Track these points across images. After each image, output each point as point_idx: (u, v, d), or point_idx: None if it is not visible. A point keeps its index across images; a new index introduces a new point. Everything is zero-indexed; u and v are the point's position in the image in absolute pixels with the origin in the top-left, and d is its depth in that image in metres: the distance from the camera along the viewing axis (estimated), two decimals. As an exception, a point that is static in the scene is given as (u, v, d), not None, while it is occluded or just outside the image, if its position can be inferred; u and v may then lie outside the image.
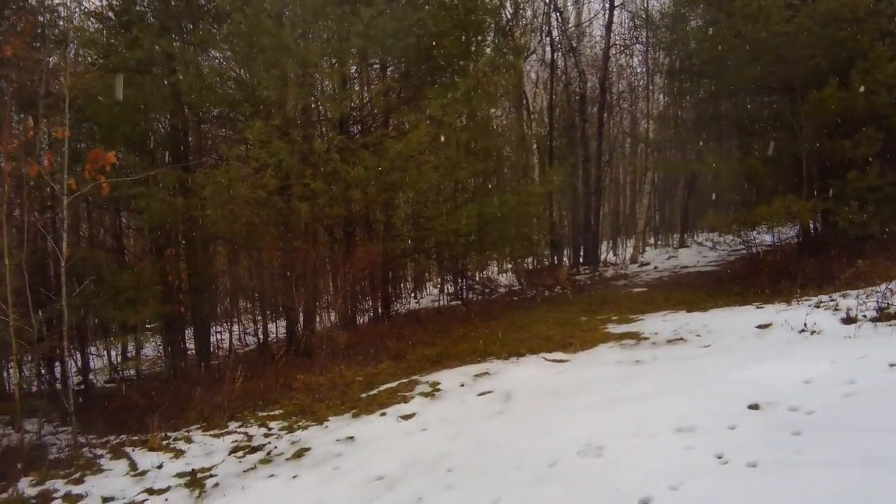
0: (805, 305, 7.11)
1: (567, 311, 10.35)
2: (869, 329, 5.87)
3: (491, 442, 4.67)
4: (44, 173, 6.00)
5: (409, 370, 7.47)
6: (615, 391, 5.15)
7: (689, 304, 9.27)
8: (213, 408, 6.81)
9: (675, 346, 6.79)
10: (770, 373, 4.74)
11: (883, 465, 3.05)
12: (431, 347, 8.53)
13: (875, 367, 4.39)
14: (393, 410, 5.87)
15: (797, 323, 6.46)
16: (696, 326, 7.38)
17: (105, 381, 12.08)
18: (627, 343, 7.29)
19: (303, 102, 6.70)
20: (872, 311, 6.28)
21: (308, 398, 6.78)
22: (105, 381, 12.08)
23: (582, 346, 7.48)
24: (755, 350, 5.83)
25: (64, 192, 5.58)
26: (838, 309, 6.62)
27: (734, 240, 11.64)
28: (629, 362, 6.38)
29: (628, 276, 14.98)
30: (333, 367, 7.77)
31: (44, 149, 6.33)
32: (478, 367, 6.96)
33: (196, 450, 5.69)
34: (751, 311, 7.77)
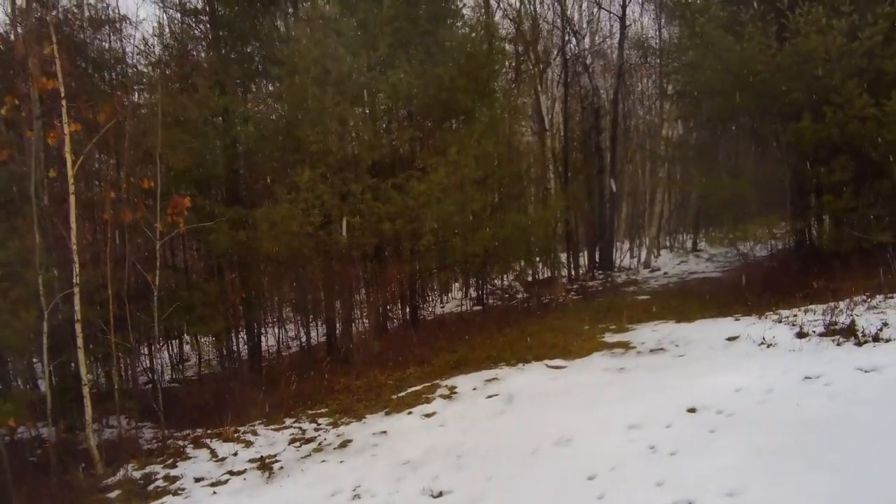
0: (772, 320, 8.24)
1: (574, 319, 11.59)
2: (813, 344, 7.00)
3: (492, 435, 6.00)
4: (139, 219, 7.50)
5: (432, 374, 8.84)
6: (594, 395, 6.43)
7: (682, 314, 10.42)
8: (271, 407, 8.29)
9: (656, 356, 8.01)
10: (716, 382, 5.95)
11: (762, 454, 4.30)
12: (452, 354, 9.88)
13: (791, 379, 5.59)
14: (418, 410, 7.24)
15: (759, 336, 7.62)
16: (678, 337, 8.58)
17: (169, 381, 13.76)
18: (617, 352, 8.53)
19: (342, 154, 8.08)
20: (822, 327, 7.41)
21: (348, 398, 8.20)
22: (169, 381, 13.76)
23: (579, 353, 8.74)
24: (716, 361, 7.03)
25: (157, 237, 7.07)
26: (795, 325, 7.75)
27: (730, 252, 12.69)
28: (614, 370, 7.64)
29: (638, 283, 16.09)
30: (369, 371, 9.19)
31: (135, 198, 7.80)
32: (490, 372, 8.28)
33: (262, 441, 7.14)
34: (728, 323, 8.92)
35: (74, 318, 6.20)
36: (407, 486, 5.31)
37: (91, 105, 8.30)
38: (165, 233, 7.38)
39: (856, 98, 9.48)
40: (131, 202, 7.63)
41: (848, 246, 9.90)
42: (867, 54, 9.58)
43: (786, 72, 9.93)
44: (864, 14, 9.45)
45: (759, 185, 11.21)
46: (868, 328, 6.99)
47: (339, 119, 7.91)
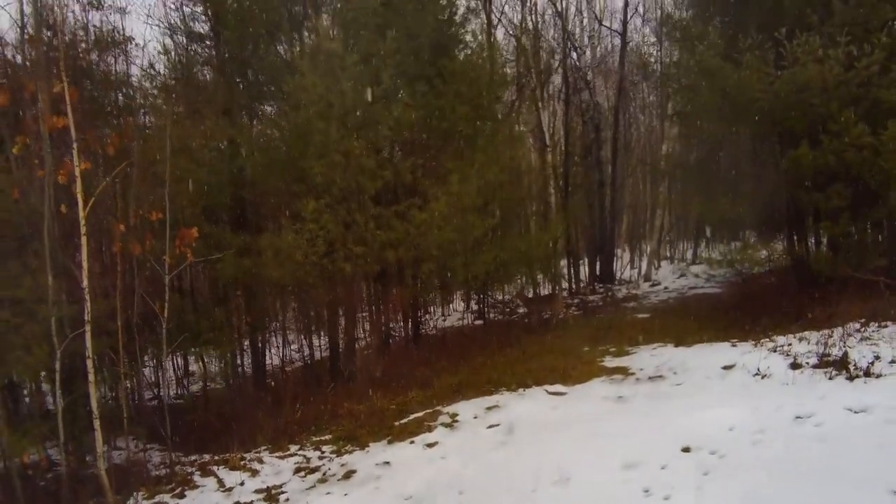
0: (767, 349, 8.39)
1: (574, 339, 11.76)
2: (806, 376, 7.16)
3: (493, 469, 6.16)
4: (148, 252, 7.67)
5: (434, 399, 8.99)
6: (592, 428, 6.58)
7: (680, 336, 10.56)
8: (276, 431, 8.46)
9: (654, 384, 8.16)
10: (710, 418, 6.10)
11: (752, 500, 4.46)
12: (454, 376, 10.05)
13: (783, 418, 5.74)
14: (420, 439, 7.40)
15: (754, 366, 7.77)
16: (676, 364, 8.73)
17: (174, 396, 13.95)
18: (617, 378, 8.69)
19: (346, 185, 8.25)
20: (815, 358, 7.56)
21: (352, 424, 8.36)
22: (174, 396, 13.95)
23: (579, 379, 8.90)
24: (711, 393, 7.19)
25: (166, 271, 7.24)
26: (790, 355, 7.90)
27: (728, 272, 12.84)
28: (613, 398, 7.80)
29: (638, 298, 16.25)
30: (372, 395, 9.36)
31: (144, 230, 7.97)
32: (491, 399, 8.43)
33: (267, 469, 7.31)
34: (725, 349, 9.06)
35: (86, 354, 6.37)
36: (409, 522, 5.48)
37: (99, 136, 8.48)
38: (174, 265, 7.56)
39: (852, 127, 9.64)
40: (140, 234, 7.80)
41: (843, 271, 10.04)
42: (863, 84, 9.73)
43: (783, 99, 10.08)
44: (860, 44, 9.59)
45: (757, 207, 11.37)
46: (860, 361, 7.15)
47: (343, 152, 8.07)
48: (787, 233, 11.61)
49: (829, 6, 10.12)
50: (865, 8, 9.79)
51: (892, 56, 9.65)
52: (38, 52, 7.41)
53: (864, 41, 9.66)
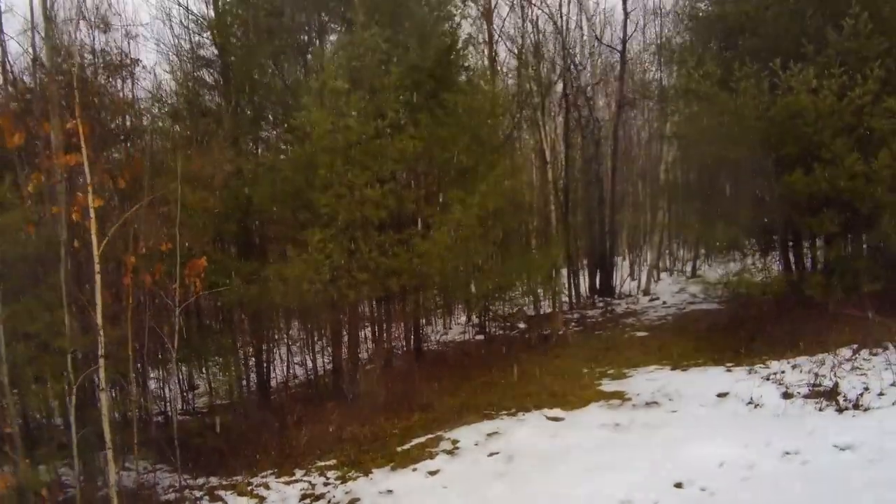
0: (760, 377, 8.61)
1: (573, 359, 11.97)
2: (797, 406, 7.38)
3: (492, 501, 6.38)
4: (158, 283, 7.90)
5: (435, 422, 9.20)
6: (589, 460, 6.79)
7: (677, 359, 10.77)
8: (281, 456, 8.68)
9: (650, 410, 8.38)
10: (702, 453, 6.31)
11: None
12: (455, 397, 10.26)
13: (772, 454, 5.96)
14: (422, 466, 7.62)
15: (747, 395, 7.99)
16: (672, 390, 8.93)
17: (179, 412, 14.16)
18: (614, 403, 8.91)
19: (350, 215, 8.48)
20: (807, 388, 7.77)
21: (355, 449, 8.57)
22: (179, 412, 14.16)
23: (577, 403, 9.11)
24: (705, 423, 7.41)
25: (176, 303, 7.47)
26: (782, 384, 8.12)
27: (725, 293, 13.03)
28: (610, 426, 8.00)
29: (637, 313, 16.44)
30: (375, 418, 9.57)
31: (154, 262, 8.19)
32: (491, 424, 8.64)
33: (274, 496, 7.54)
34: (720, 374, 9.29)
35: (99, 387, 6.59)
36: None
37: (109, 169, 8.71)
38: (184, 296, 7.79)
39: (845, 155, 9.83)
40: (150, 265, 8.03)
41: (837, 295, 10.24)
42: (856, 112, 9.93)
43: (778, 126, 10.30)
44: (852, 76, 9.80)
45: (753, 230, 11.59)
46: (850, 392, 7.38)
47: (347, 184, 8.30)
48: (783, 255, 11.82)
49: (824, 36, 10.33)
50: (859, 39, 9.98)
51: (884, 86, 9.85)
52: (53, 91, 7.63)
53: (858, 71, 9.87)
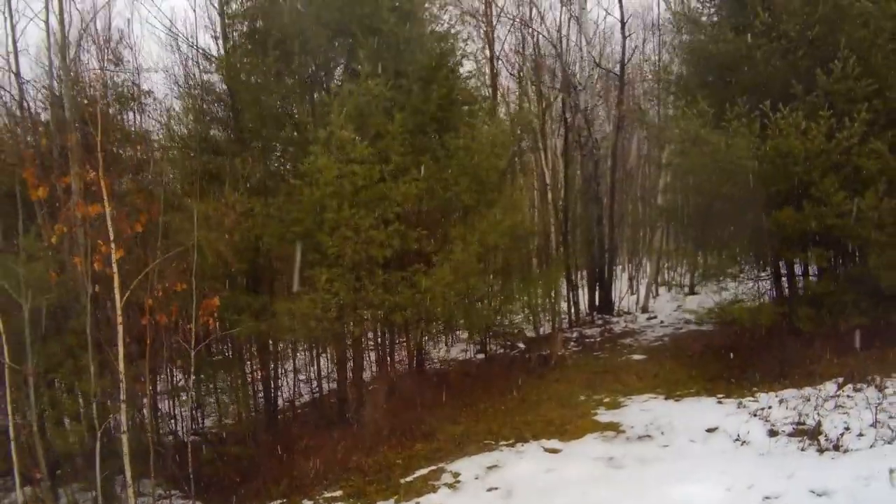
0: (748, 412, 8.99)
1: (571, 384, 12.35)
2: (782, 445, 7.76)
3: (491, 539, 6.79)
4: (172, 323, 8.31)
5: (438, 452, 9.57)
6: (581, 497, 7.19)
7: (671, 387, 11.15)
8: (290, 487, 9.10)
9: (643, 444, 8.76)
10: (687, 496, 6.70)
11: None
12: (456, 425, 10.63)
13: (753, 499, 6.34)
14: (425, 500, 8.01)
15: (735, 431, 8.37)
16: (664, 422, 9.28)
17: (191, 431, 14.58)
18: (609, 434, 9.30)
19: (356, 256, 8.88)
20: (791, 426, 8.15)
21: (361, 480, 8.96)
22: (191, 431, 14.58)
23: (574, 434, 9.50)
24: (693, 461, 7.79)
25: (192, 346, 7.88)
26: (768, 420, 8.50)
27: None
28: (604, 460, 8.38)
29: (635, 333, 16.82)
30: (378, 446, 9.98)
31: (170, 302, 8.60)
32: (491, 456, 9.02)
33: (284, 529, 7.94)
34: (711, 406, 9.67)
35: (121, 429, 7.00)
36: None
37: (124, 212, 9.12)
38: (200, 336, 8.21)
39: (833, 194, 10.20)
40: (165, 305, 8.44)
41: (825, 328, 10.61)
42: (844, 152, 10.29)
43: (769, 164, 10.67)
44: (840, 118, 10.17)
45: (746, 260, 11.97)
46: (831, 432, 7.74)
47: (354, 227, 8.70)
48: (776, 284, 12.19)
49: (814, 77, 10.69)
50: (847, 82, 10.34)
51: (871, 127, 10.22)
52: (74, 143, 8.04)
53: (846, 113, 10.24)
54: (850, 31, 10.38)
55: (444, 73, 9.98)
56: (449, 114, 10.16)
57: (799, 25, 10.79)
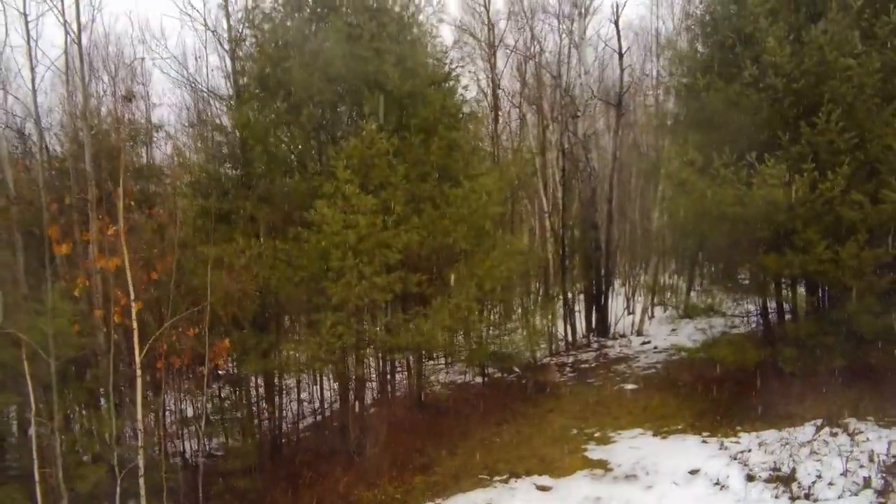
0: (728, 454, 9.47)
1: (564, 415, 12.81)
2: (757, 492, 8.25)
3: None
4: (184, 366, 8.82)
5: (435, 486, 10.07)
6: (568, 542, 7.69)
7: (660, 422, 11.61)
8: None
9: (628, 484, 9.25)
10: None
11: None
12: (453, 457, 11.11)
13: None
14: (422, 539, 8.53)
15: (715, 474, 8.86)
16: (649, 463, 9.77)
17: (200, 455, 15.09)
18: (597, 473, 9.79)
19: (360, 301, 9.39)
20: (768, 471, 8.64)
21: (361, 514, 9.49)
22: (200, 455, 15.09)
23: (564, 471, 9.99)
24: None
25: (204, 389, 8.39)
26: (747, 465, 8.99)
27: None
28: (592, 499, 8.91)
29: (629, 359, 17.27)
30: (379, 478, 10.45)
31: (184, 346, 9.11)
32: (485, 494, 9.52)
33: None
34: (695, 445, 10.14)
35: (139, 473, 7.51)
36: None
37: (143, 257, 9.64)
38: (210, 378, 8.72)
39: (816, 244, 10.65)
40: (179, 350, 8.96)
41: (807, 369, 11.08)
42: (827, 202, 10.75)
43: (753, 212, 11.15)
44: (823, 170, 10.64)
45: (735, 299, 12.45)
46: (804, 479, 8.26)
47: (358, 274, 9.21)
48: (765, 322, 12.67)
49: (798, 129, 11.16)
50: (832, 133, 10.79)
51: (853, 178, 10.68)
52: (93, 197, 8.55)
53: (829, 165, 10.71)
54: (834, 85, 10.83)
55: (446, 125, 10.48)
56: (449, 161, 10.67)
57: (785, 78, 11.25)
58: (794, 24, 11.75)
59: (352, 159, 9.54)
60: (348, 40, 10.16)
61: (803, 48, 11.34)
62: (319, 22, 10.68)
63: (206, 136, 12.27)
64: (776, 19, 11.57)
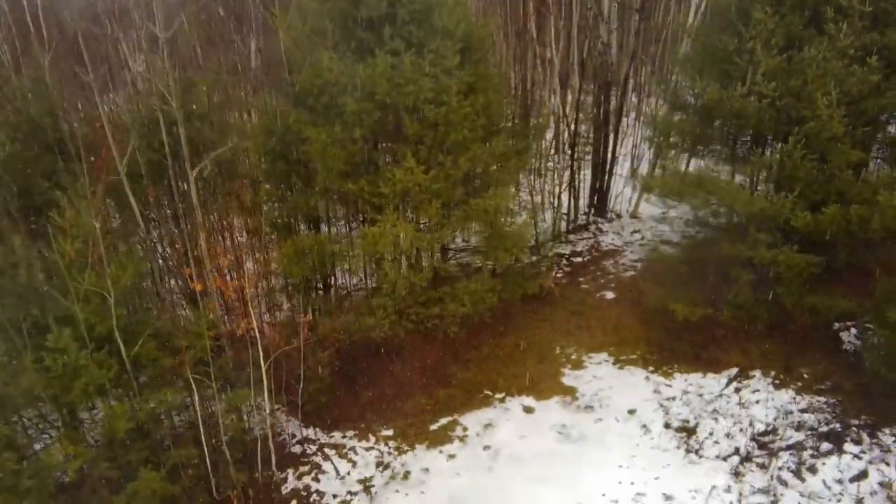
0: (660, 398, 13.52)
1: (554, 325, 16.66)
2: (666, 440, 12.39)
3: (484, 492, 11.86)
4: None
5: (453, 401, 14.29)
6: (539, 470, 12.06)
7: (622, 348, 15.48)
8: (359, 419, 14.10)
9: (585, 415, 13.46)
10: (594, 481, 11.53)
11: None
12: (467, 371, 15.24)
13: (626, 496, 11.20)
14: (445, 449, 12.98)
15: (646, 417, 13.01)
16: (604, 396, 13.88)
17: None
18: (567, 400, 14.02)
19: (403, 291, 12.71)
20: (678, 422, 12.76)
21: (404, 423, 13.93)
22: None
23: (545, 394, 14.23)
24: (609, 444, 12.52)
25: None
26: (668, 413, 13.07)
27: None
28: (559, 427, 13.22)
29: (616, 254, 20.60)
30: (414, 391, 14.73)
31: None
32: (488, 413, 13.82)
33: (360, 461, 12.97)
34: (640, 382, 14.12)
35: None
36: (439, 528, 11.37)
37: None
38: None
39: (761, 242, 13.39)
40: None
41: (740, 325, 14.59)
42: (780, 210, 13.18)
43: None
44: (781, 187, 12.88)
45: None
46: (701, 434, 12.34)
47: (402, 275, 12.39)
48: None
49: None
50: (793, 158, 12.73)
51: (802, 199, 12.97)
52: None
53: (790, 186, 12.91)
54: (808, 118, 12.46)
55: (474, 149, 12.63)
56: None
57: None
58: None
59: (395, 186, 12.00)
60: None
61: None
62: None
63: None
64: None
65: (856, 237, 12.74)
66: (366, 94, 11.88)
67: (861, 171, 13.15)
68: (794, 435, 11.97)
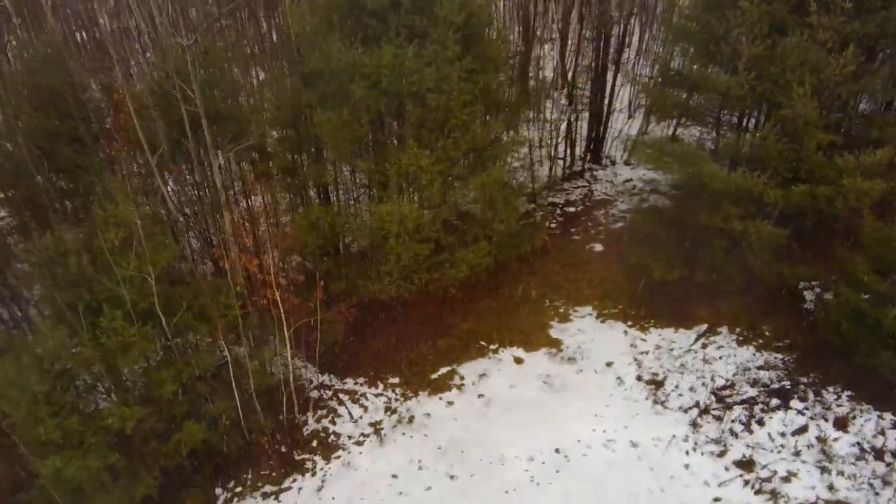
0: (635, 352, 15.20)
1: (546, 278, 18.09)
2: (638, 391, 14.20)
3: (478, 437, 13.77)
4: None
5: (452, 351, 15.99)
6: (525, 418, 13.91)
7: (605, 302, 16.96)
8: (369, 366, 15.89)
9: (568, 366, 15.21)
10: (572, 429, 13.42)
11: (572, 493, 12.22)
12: (465, 322, 16.82)
13: (600, 440, 13.13)
14: (445, 396, 14.83)
15: (621, 370, 14.75)
16: (585, 348, 15.57)
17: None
18: (553, 352, 15.72)
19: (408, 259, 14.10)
20: (649, 374, 14.53)
21: (409, 371, 15.70)
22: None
23: (534, 345, 15.90)
24: (588, 393, 14.34)
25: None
26: (641, 366, 14.80)
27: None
28: (543, 377, 14.99)
29: (607, 204, 21.67)
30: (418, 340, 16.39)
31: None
32: (482, 364, 15.56)
33: (371, 406, 14.90)
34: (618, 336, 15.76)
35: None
36: (439, 466, 13.36)
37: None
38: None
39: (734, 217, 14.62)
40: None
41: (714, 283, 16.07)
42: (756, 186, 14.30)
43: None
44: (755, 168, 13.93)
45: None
46: (668, 387, 14.11)
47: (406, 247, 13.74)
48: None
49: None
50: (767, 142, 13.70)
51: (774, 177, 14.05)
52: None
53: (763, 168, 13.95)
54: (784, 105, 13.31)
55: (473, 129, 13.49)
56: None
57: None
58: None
59: (401, 169, 13.09)
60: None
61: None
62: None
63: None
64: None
65: (823, 212, 13.93)
66: (372, 83, 12.70)
67: (831, 152, 14.10)
68: (749, 390, 13.70)
